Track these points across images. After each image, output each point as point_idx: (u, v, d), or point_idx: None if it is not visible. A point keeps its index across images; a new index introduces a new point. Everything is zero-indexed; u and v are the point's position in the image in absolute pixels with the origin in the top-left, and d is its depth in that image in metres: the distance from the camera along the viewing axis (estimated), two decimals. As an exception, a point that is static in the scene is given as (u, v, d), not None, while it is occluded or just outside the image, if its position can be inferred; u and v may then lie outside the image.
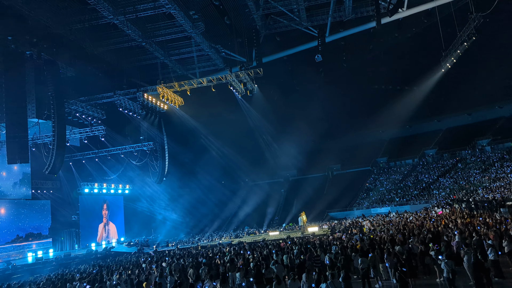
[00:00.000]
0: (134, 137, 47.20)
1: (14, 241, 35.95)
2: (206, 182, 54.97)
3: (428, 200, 45.53)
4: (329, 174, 63.15)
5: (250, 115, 52.00)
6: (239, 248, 28.08)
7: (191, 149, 52.20)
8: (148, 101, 39.75)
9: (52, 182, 42.49)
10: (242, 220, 51.63)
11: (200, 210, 53.14)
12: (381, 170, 60.87)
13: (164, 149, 46.71)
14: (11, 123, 28.16)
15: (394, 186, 54.15)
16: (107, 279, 20.05)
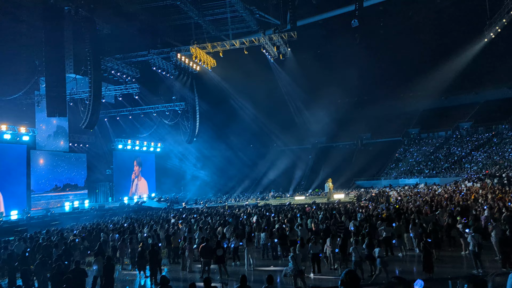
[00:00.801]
0: (166, 97, 47.97)
1: (53, 190, 37.95)
2: (235, 144, 55.68)
3: (459, 173, 44.68)
4: (358, 143, 62.55)
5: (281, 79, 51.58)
6: (265, 210, 28.76)
7: (222, 111, 52.64)
8: (181, 61, 39.96)
9: (88, 136, 44.08)
10: (268, 184, 52.32)
11: (228, 171, 54.15)
12: (412, 141, 59.79)
13: (195, 110, 47.31)
14: (51, 77, 29.09)
15: (424, 158, 53.26)
16: (138, 231, 21.13)
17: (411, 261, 15.18)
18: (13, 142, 32.84)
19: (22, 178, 33.81)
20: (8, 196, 31.70)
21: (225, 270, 14.69)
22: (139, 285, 15.16)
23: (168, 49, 39.40)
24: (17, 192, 32.92)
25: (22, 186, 33.88)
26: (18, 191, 33.21)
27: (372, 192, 38.19)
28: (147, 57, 39.82)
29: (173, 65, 42.06)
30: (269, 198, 44.27)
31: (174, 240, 17.80)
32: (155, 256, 14.67)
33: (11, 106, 34.28)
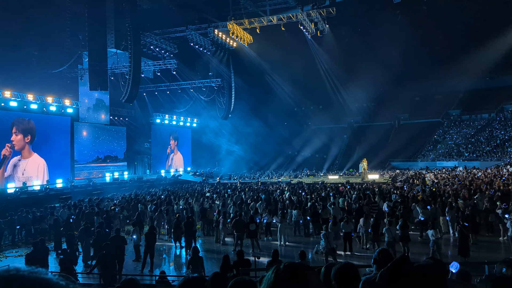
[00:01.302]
0: (203, 73, 48.39)
1: (94, 161, 39.57)
2: (270, 121, 55.72)
3: (501, 157, 43.02)
4: (395, 123, 61.11)
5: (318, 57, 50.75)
6: (298, 187, 28.91)
7: (257, 88, 52.59)
8: (218, 37, 40.01)
9: (128, 110, 45.32)
10: (302, 162, 52.31)
11: (262, 148, 54.45)
12: (452, 123, 57.80)
13: (231, 86, 47.53)
14: (93, 52, 29.97)
15: (464, 141, 51.50)
16: (174, 203, 21.84)
17: (446, 245, 14.99)
18: (58, 114, 34.28)
19: (66, 149, 35.41)
20: (54, 165, 33.36)
21: (257, 244, 15.05)
22: (175, 254, 15.80)
23: (206, 25, 39.51)
24: (62, 162, 34.58)
25: (67, 156, 35.53)
26: (63, 161, 34.86)
27: (408, 174, 37.50)
28: (185, 33, 40.12)
29: (210, 41, 42.28)
30: (302, 176, 44.35)
31: (208, 213, 18.32)
32: (190, 228, 15.19)
33: (56, 79, 35.61)
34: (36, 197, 26.18)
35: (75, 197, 26.44)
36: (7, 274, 0.77)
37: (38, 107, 31.90)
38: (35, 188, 29.51)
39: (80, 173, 37.08)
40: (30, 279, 0.77)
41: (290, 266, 1.54)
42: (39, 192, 28.28)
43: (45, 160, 32.61)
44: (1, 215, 18.19)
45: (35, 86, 31.40)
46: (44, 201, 24.31)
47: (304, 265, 1.59)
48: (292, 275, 1.50)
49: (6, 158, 29.43)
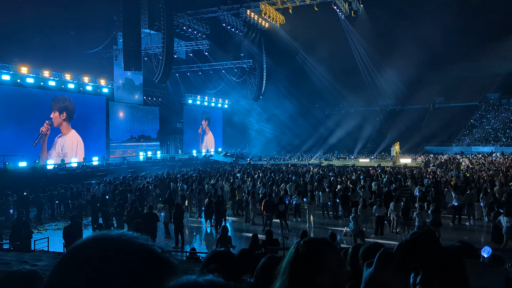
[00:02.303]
0: (234, 54, 48.31)
1: (129, 140, 40.63)
2: (301, 104, 55.27)
3: (542, 144, 41.26)
4: (430, 107, 59.39)
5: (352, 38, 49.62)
6: (328, 170, 28.80)
7: (289, 69, 52.08)
8: (250, 18, 39.72)
9: (160, 91, 46.00)
10: (333, 144, 51.82)
11: (293, 130, 54.24)
12: (490, 107, 55.62)
13: (263, 68, 47.29)
14: (127, 32, 30.47)
15: (502, 126, 49.56)
16: (205, 183, 22.26)
17: (480, 231, 14.72)
18: (94, 93, 35.26)
19: (102, 128, 36.49)
20: (90, 143, 34.53)
21: (286, 225, 15.22)
22: (206, 232, 16.21)
23: (238, 5, 39.26)
24: (97, 140, 35.72)
25: (102, 135, 36.65)
26: (99, 139, 35.99)
27: (442, 159, 36.59)
28: (217, 13, 40.04)
29: (242, 22, 42.06)
30: (332, 158, 44.06)
31: (238, 193, 18.59)
32: (220, 207, 15.51)
33: (92, 59, 36.47)
34: (73, 173, 27.22)
35: (110, 174, 27.34)
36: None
37: (75, 87, 32.89)
38: (72, 165, 30.65)
39: (115, 152, 38.20)
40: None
41: (310, 242, 1.58)
42: (76, 169, 29.38)
43: (82, 138, 33.80)
44: (42, 190, 19.08)
45: (72, 66, 32.28)
46: (81, 177, 25.23)
47: (325, 241, 1.63)
48: (311, 250, 1.53)
49: (44, 134, 30.67)
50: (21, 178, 22.46)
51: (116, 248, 0.73)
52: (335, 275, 1.51)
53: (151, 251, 0.76)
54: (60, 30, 31.46)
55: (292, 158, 44.73)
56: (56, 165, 28.66)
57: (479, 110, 55.78)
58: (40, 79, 29.79)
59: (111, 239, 0.76)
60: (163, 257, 0.78)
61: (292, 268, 1.50)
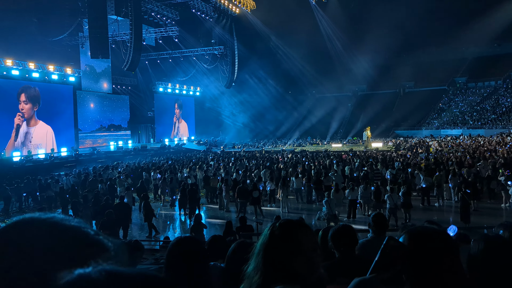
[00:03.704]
0: (205, 40, 47.55)
1: (98, 130, 39.70)
2: (273, 90, 55.25)
3: (506, 125, 42.73)
4: (400, 91, 60.52)
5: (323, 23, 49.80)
6: (302, 155, 29.00)
7: (260, 56, 51.84)
8: (220, 3, 39.15)
9: (130, 79, 44.99)
10: (306, 130, 52.19)
11: (266, 117, 54.26)
12: (458, 91, 57.14)
13: (234, 54, 46.85)
14: (93, 19, 29.45)
15: (469, 109, 51.08)
16: (178, 171, 22.01)
17: (448, 211, 15.13)
18: (60, 82, 34.13)
19: (70, 118, 35.48)
20: (58, 133, 33.58)
21: (260, 211, 15.23)
22: (180, 221, 16.07)
23: (208, -10, 38.59)
24: (66, 131, 34.73)
25: (70, 125, 35.65)
26: (67, 129, 35.01)
27: (412, 142, 37.44)
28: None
29: (212, 7, 41.40)
30: (305, 144, 44.39)
31: (212, 181, 18.46)
32: (194, 195, 15.38)
33: (57, 47, 35.20)
34: (41, 165, 26.45)
35: (79, 165, 26.69)
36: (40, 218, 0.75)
37: (40, 76, 31.75)
38: (40, 156, 29.78)
39: (84, 142, 37.29)
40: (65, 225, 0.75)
41: (285, 224, 1.52)
42: (44, 160, 28.54)
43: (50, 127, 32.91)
44: (8, 183, 18.45)
45: (36, 55, 31.15)
46: (50, 169, 24.58)
47: (301, 223, 1.56)
48: (287, 233, 1.48)
49: (19, 126, 29.83)
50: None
51: (41, 230, 0.73)
52: (310, 259, 1.46)
53: (83, 233, 0.76)
54: (22, 17, 30.19)
55: (266, 145, 44.81)
56: (23, 156, 27.75)
57: (447, 94, 57.23)
58: (2, 68, 28.63)
59: (38, 221, 0.75)
60: (96, 239, 0.76)
61: (267, 251, 1.45)
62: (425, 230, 1.52)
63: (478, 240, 1.81)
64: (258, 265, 1.45)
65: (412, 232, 1.50)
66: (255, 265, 1.47)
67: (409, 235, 1.49)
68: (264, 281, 1.40)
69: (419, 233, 1.49)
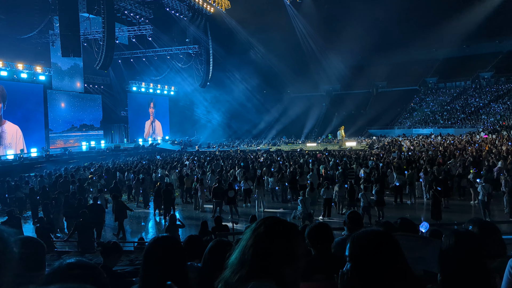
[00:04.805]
0: (180, 39, 47.13)
1: (70, 130, 38.75)
2: (248, 90, 55.27)
3: (475, 125, 44.15)
4: (373, 91, 61.62)
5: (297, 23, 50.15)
6: (276, 155, 29.11)
7: (235, 55, 51.74)
8: (194, 2, 38.84)
9: (103, 78, 44.12)
10: (280, 130, 52.42)
11: (241, 116, 54.20)
12: (429, 91, 58.64)
13: (209, 53, 46.60)
14: (64, 16, 28.68)
15: (440, 108, 52.51)
16: (153, 171, 21.74)
17: (420, 209, 15.48)
18: (30, 81, 33.15)
19: (40, 117, 34.48)
20: (28, 134, 32.58)
21: (235, 211, 15.22)
22: (155, 222, 15.87)
23: (182, -11, 38.23)
24: (36, 131, 33.73)
25: (40, 125, 34.65)
26: (37, 129, 34.02)
27: (385, 141, 38.17)
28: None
29: (187, 6, 41.05)
30: (280, 144, 44.60)
31: (187, 181, 18.32)
32: (169, 196, 15.24)
33: (26, 45, 34.15)
34: (10, 166, 25.65)
35: (50, 166, 25.98)
36: None
37: (8, 74, 30.77)
38: (8, 157, 28.85)
39: (55, 142, 36.35)
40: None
41: (284, 231, 1.47)
42: (13, 161, 27.68)
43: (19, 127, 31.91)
44: (-26, 185, 17.79)
45: (4, 52, 30.21)
46: (19, 170, 23.83)
47: (295, 229, 1.53)
48: (285, 240, 1.45)
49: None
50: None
51: None
52: (299, 267, 1.45)
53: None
54: (-12, 13, 29.18)
55: (241, 144, 44.79)
56: (-11, 158, 26.85)
57: (419, 93, 58.63)
58: (-33, 65, 27.57)
59: None
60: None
61: (259, 250, 1.41)
62: (369, 235, 1.53)
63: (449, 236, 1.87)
64: (246, 260, 1.42)
65: (358, 236, 1.52)
66: (242, 258, 1.44)
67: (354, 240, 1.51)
68: (247, 277, 1.38)
69: (363, 238, 1.50)
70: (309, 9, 46.35)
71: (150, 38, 41.01)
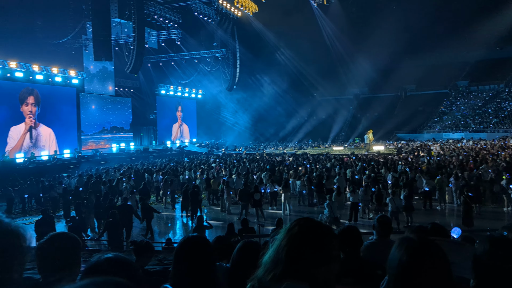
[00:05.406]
0: (207, 43, 47.70)
1: (101, 132, 39.80)
2: (275, 93, 55.31)
3: (508, 129, 42.71)
4: (401, 94, 60.50)
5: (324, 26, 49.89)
6: (303, 158, 28.99)
7: (262, 59, 51.91)
8: (222, 7, 39.25)
9: (133, 81, 45.10)
10: (307, 133, 52.11)
11: (267, 120, 54.29)
12: (459, 94, 57.11)
13: (236, 57, 46.93)
14: (96, 21, 29.53)
15: (471, 112, 51.04)
16: (180, 173, 22.05)
17: (450, 215, 15.12)
18: (64, 85, 34.27)
19: (73, 120, 35.61)
20: (61, 135, 33.70)
21: (261, 213, 15.26)
22: (182, 223, 16.09)
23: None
24: (68, 133, 34.87)
25: (73, 127, 35.78)
26: (70, 131, 35.15)
27: (413, 145, 37.41)
28: (189, 2, 39.36)
29: (215, 11, 41.53)
30: (307, 147, 44.36)
31: (213, 183, 18.50)
32: (196, 197, 15.42)
33: (61, 50, 35.34)
34: (44, 167, 26.50)
35: (82, 167, 26.74)
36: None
37: (43, 78, 31.89)
38: (43, 158, 29.87)
39: (87, 144, 37.40)
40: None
41: (320, 232, 1.49)
42: (47, 162, 28.61)
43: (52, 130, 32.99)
44: (11, 184, 18.51)
45: (40, 57, 31.32)
46: (53, 170, 24.66)
47: (334, 234, 1.56)
48: (320, 242, 1.46)
49: (32, 128, 30.56)
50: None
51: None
52: (333, 270, 1.47)
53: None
54: (26, 20, 30.30)
55: (267, 148, 44.80)
56: (26, 158, 27.83)
57: (449, 97, 57.20)
58: (6, 70, 28.76)
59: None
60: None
61: (293, 251, 1.43)
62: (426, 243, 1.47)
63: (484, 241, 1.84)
64: (279, 260, 1.44)
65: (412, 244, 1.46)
66: (275, 258, 1.46)
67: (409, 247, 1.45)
68: (281, 276, 1.41)
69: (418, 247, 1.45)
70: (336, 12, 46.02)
71: (178, 42, 41.68)
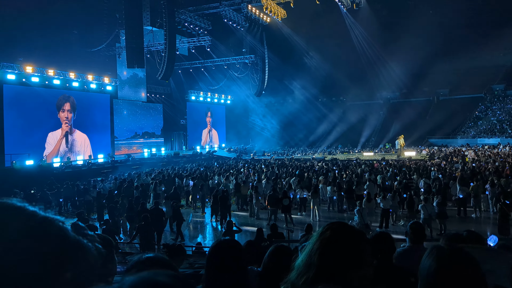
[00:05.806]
0: (236, 50, 48.19)
1: (133, 137, 40.82)
2: (303, 98, 55.15)
3: (548, 135, 41.02)
4: (434, 99, 59.08)
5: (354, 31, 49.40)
6: (332, 164, 28.77)
7: (291, 64, 51.93)
8: (251, 13, 39.56)
9: (164, 87, 46.04)
10: (336, 138, 51.62)
11: (296, 125, 54.17)
12: (495, 98, 55.23)
13: (265, 63, 47.13)
14: (130, 30, 30.41)
15: (508, 117, 49.25)
16: (210, 178, 22.31)
17: (486, 223, 14.68)
18: (98, 91, 35.43)
19: (106, 125, 36.70)
20: (95, 141, 34.79)
21: (290, 219, 15.25)
22: (212, 227, 16.27)
23: (239, 0, 39.16)
24: (102, 138, 35.97)
25: (107, 132, 36.86)
26: (103, 137, 36.25)
27: (447, 151, 36.44)
28: (219, 9, 39.96)
29: (244, 17, 41.95)
30: (336, 153, 43.95)
31: (242, 188, 18.63)
32: (225, 202, 15.57)
33: (95, 57, 36.56)
34: (79, 171, 27.37)
35: (115, 171, 27.46)
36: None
37: (79, 85, 33.06)
38: (78, 163, 30.87)
39: (120, 149, 38.39)
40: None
41: (352, 235, 1.52)
42: (82, 166, 29.53)
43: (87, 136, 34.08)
44: (49, 188, 19.22)
45: (76, 65, 32.45)
46: (87, 175, 25.38)
47: (366, 238, 1.59)
48: (353, 245, 1.48)
49: (68, 133, 31.77)
50: (28, 176, 22.72)
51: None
52: (367, 273, 1.49)
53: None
54: (63, 29, 31.55)
55: (295, 153, 44.66)
56: (62, 163, 28.85)
57: (484, 101, 55.44)
58: (45, 78, 29.96)
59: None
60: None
61: (326, 253, 1.46)
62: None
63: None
64: (312, 263, 1.47)
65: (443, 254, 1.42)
66: (308, 261, 1.49)
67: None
68: (314, 280, 1.44)
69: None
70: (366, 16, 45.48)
71: (208, 48, 42.30)
